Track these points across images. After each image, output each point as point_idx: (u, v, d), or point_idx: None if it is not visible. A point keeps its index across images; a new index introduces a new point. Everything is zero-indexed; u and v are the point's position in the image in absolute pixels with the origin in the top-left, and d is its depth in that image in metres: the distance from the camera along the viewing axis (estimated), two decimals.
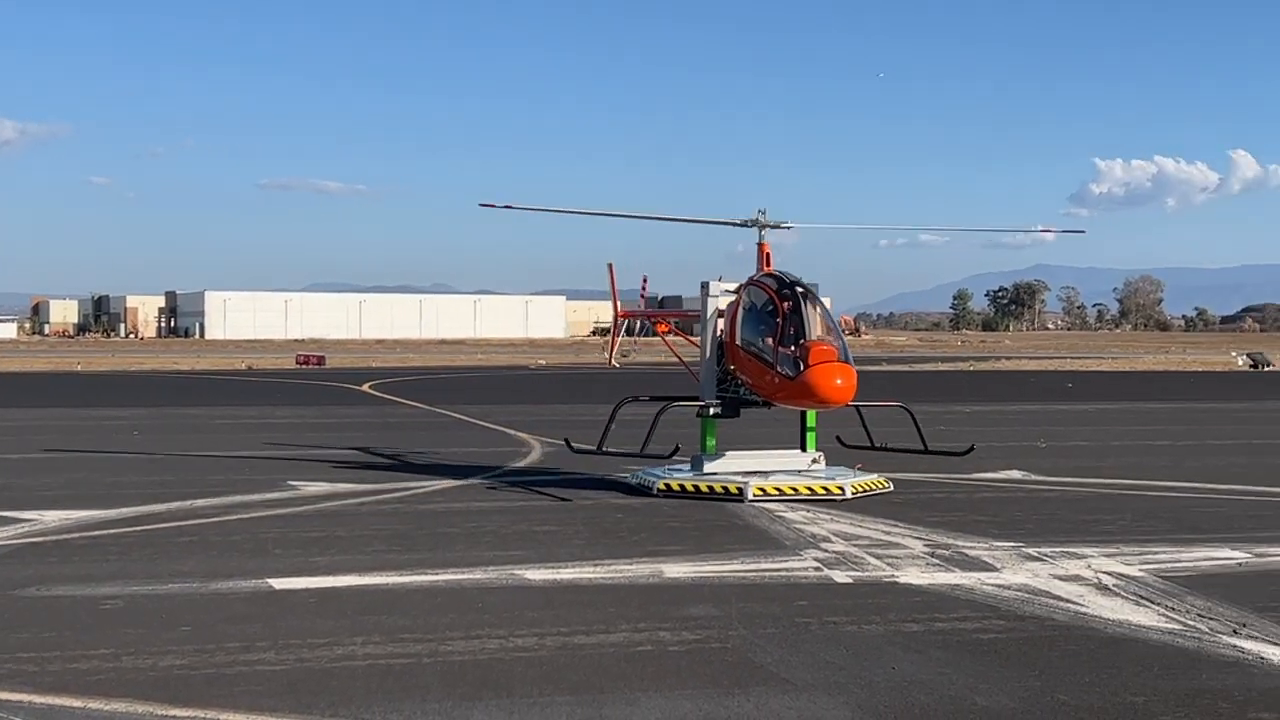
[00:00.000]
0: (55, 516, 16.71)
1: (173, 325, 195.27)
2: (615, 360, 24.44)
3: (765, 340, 19.21)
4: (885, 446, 21.34)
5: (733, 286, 20.53)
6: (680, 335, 23.52)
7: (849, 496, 18.62)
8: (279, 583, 12.64)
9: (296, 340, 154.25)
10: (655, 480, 19.59)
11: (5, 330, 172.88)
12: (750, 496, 18.43)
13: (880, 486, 19.45)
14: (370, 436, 29.46)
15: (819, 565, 13.58)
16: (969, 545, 14.75)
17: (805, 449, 20.25)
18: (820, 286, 20.92)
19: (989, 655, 9.97)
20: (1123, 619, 11.14)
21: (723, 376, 20.18)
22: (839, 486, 18.83)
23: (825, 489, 18.81)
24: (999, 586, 12.49)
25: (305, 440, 28.39)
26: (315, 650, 10.04)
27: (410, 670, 9.51)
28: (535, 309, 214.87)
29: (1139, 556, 14.01)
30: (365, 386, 54.06)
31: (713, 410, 19.99)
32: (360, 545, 14.76)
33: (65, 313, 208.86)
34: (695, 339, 22.11)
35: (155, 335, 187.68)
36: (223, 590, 12.31)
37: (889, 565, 13.57)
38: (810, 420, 20.33)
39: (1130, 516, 17.18)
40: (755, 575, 13.07)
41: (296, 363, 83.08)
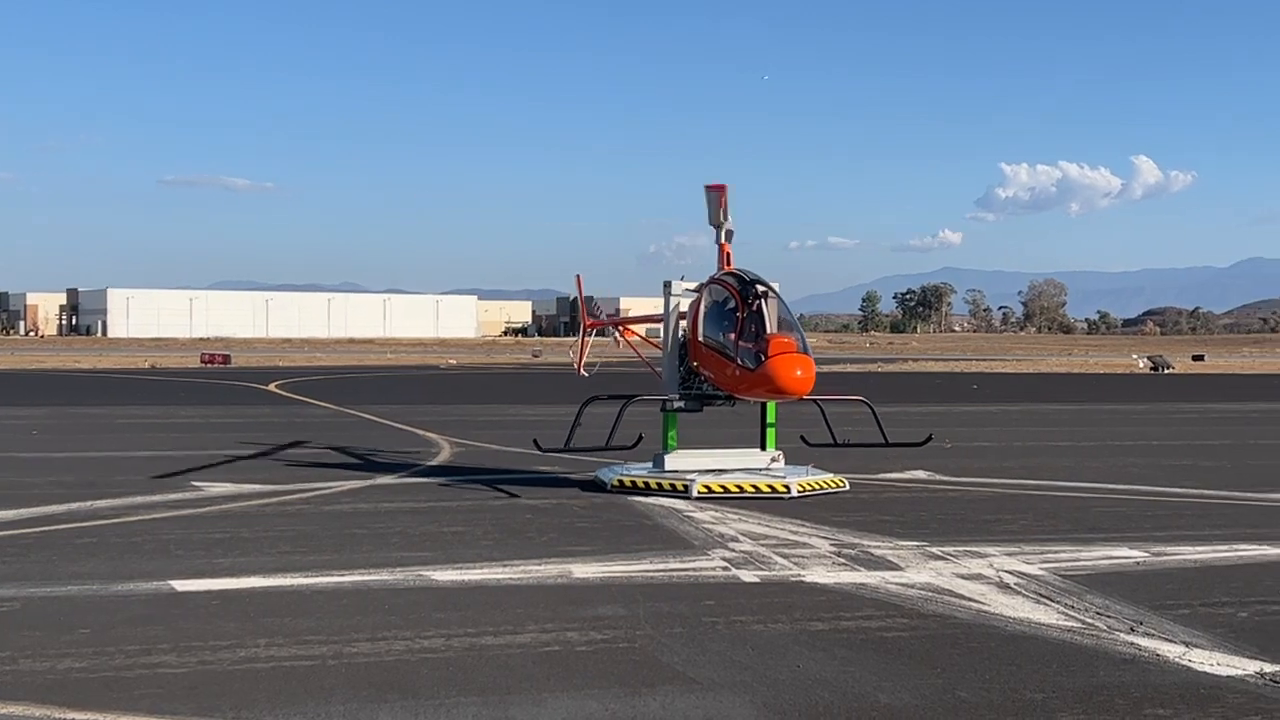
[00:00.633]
0: None
1: (74, 323, 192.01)
2: (584, 370, 24.66)
3: (727, 335, 19.59)
4: (847, 443, 21.61)
5: (693, 285, 20.87)
6: (638, 337, 24.28)
7: (795, 495, 18.83)
8: (181, 584, 12.46)
9: (201, 339, 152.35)
10: (610, 477, 19.93)
11: None
12: (695, 493, 18.74)
13: (833, 485, 19.73)
14: (276, 437, 29.14)
15: (727, 565, 13.65)
16: (874, 545, 14.90)
17: (765, 447, 20.53)
18: None
19: (892, 653, 10.08)
20: (1023, 617, 11.32)
21: (685, 374, 20.52)
22: (784, 485, 19.05)
23: (771, 487, 19.06)
24: (903, 585, 12.63)
25: (209, 440, 28.01)
26: (217, 653, 9.91)
27: (314, 672, 9.42)
28: (446, 308, 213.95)
29: (1040, 555, 14.23)
30: (272, 386, 53.47)
31: (676, 404, 20.31)
32: (265, 546, 14.60)
33: None
34: (656, 340, 22.60)
35: (56, 333, 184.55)
36: (123, 592, 12.11)
37: (796, 565, 13.68)
38: (770, 416, 20.63)
39: (1032, 516, 17.45)
40: (663, 575, 13.10)
41: (201, 362, 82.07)
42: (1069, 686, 9.18)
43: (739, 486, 19.13)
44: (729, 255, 21.07)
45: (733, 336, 19.48)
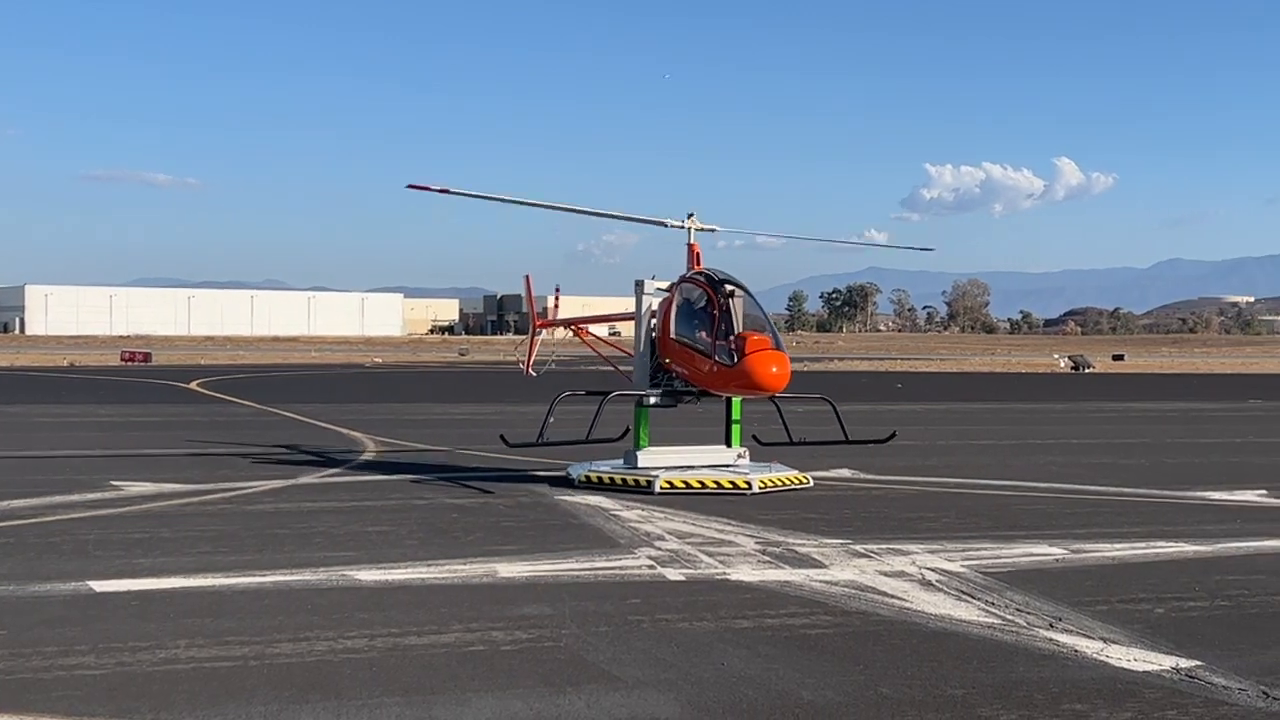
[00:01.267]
0: None
1: None
2: (533, 370, 24.98)
3: (701, 333, 20.02)
4: (804, 441, 21.82)
5: (665, 285, 21.18)
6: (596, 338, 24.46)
7: (755, 492, 19.13)
8: (100, 585, 12.29)
9: (122, 336, 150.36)
10: (578, 473, 20.32)
11: None
12: (658, 489, 19.08)
13: (797, 482, 20.05)
14: (198, 435, 28.82)
15: (653, 563, 13.67)
16: (799, 542, 14.99)
17: (730, 443, 20.89)
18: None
19: (816, 650, 10.14)
20: (945, 614, 11.43)
21: (654, 371, 20.84)
22: (745, 482, 19.33)
23: (733, 484, 19.35)
24: (827, 583, 12.72)
25: (129, 439, 27.66)
26: (137, 654, 9.79)
27: (235, 673, 9.33)
28: (371, 306, 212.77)
29: (962, 553, 14.38)
30: (193, 384, 52.88)
31: (652, 400, 20.63)
32: (185, 546, 14.43)
33: None
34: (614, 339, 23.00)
35: None
36: (40, 593, 11.92)
37: (721, 563, 13.73)
38: (735, 413, 20.97)
39: (954, 514, 17.63)
40: (589, 574, 13.10)
41: (121, 360, 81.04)
42: (989, 682, 9.28)
43: (701, 483, 19.44)
44: (699, 255, 21.43)
45: (706, 334, 19.88)
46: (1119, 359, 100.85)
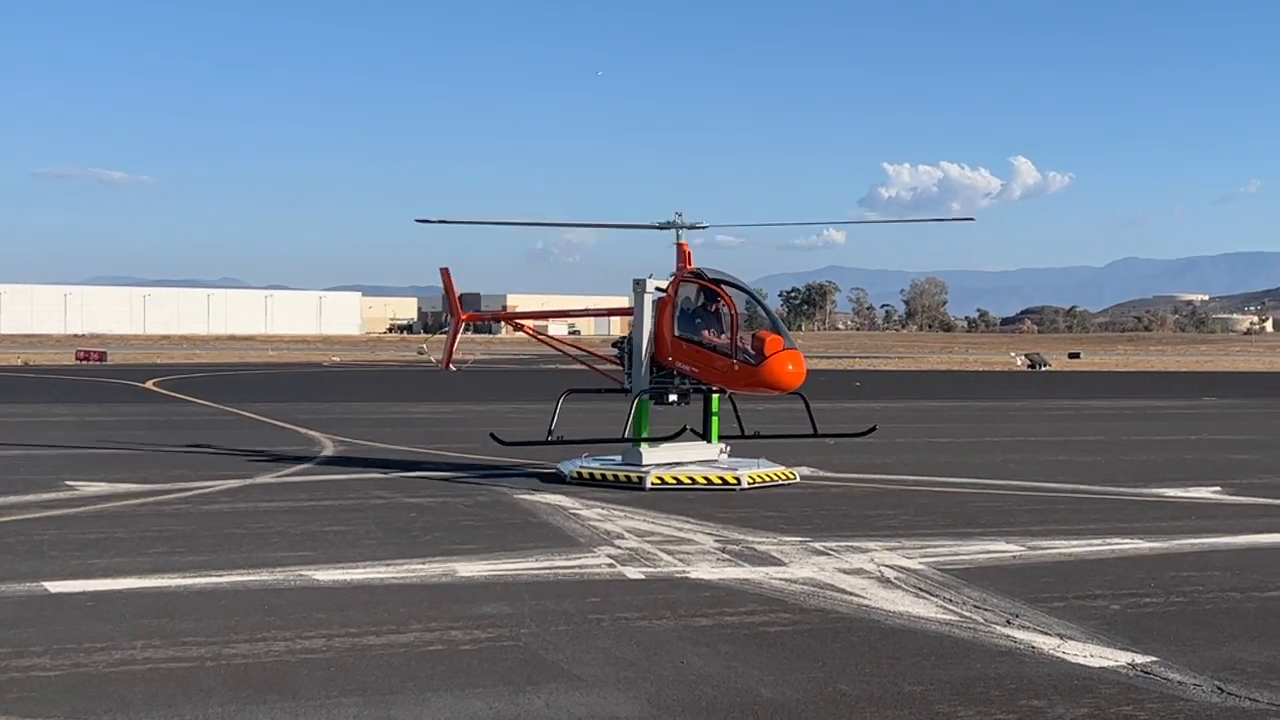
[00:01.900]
0: None
1: None
2: (453, 364, 25.01)
3: (713, 332, 20.54)
4: (757, 434, 22.13)
5: (664, 284, 21.39)
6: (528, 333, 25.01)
7: (744, 488, 19.55)
8: (54, 585, 12.19)
9: (76, 335, 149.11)
10: (569, 469, 20.59)
11: None
12: (649, 485, 19.48)
13: (784, 478, 20.45)
14: (153, 435, 28.61)
15: (612, 562, 13.67)
16: (758, 540, 15.02)
17: (710, 439, 21.34)
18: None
19: (775, 648, 10.17)
20: (903, 610, 11.48)
21: (651, 369, 21.11)
22: (735, 478, 19.77)
23: (723, 479, 19.79)
24: (786, 580, 12.75)
25: (84, 439, 27.43)
26: (92, 655, 9.71)
27: (192, 674, 9.26)
28: (330, 305, 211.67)
29: (920, 550, 14.45)
30: (149, 384, 52.49)
31: (672, 397, 21.11)
32: (141, 547, 14.32)
33: None
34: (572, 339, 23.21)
35: None
36: None
37: (681, 561, 13.73)
38: (715, 406, 21.39)
39: (912, 511, 17.71)
40: (549, 573, 13.08)
41: (76, 359, 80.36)
42: (947, 679, 9.33)
43: (691, 479, 19.82)
44: (689, 255, 21.60)
45: (721, 334, 20.40)
46: (1075, 357, 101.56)
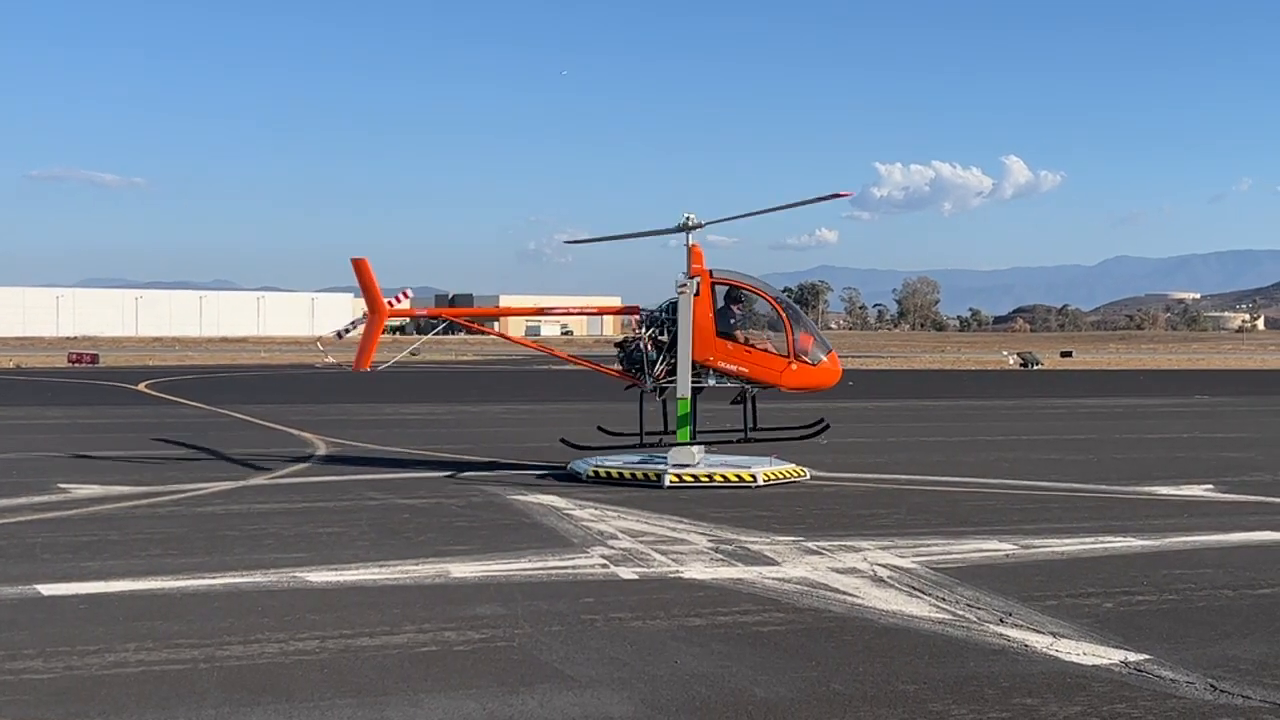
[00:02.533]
0: None
1: None
2: (369, 365, 24.01)
3: (762, 333, 21.54)
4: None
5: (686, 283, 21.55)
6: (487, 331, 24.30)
7: (760, 485, 19.87)
8: (47, 588, 12.17)
9: (68, 338, 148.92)
10: (584, 468, 20.82)
11: None
12: (667, 484, 19.73)
13: (795, 475, 20.75)
14: (146, 438, 28.58)
15: (606, 562, 13.67)
16: (751, 540, 15.03)
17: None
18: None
19: (768, 647, 10.17)
20: (896, 609, 11.49)
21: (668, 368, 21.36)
22: (751, 475, 20.07)
23: (739, 477, 20.06)
24: (779, 580, 12.76)
25: (77, 442, 27.38)
26: (85, 658, 9.70)
27: (185, 676, 9.25)
28: (322, 306, 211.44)
29: (913, 549, 14.46)
30: (141, 386, 52.43)
31: (738, 398, 21.67)
32: (134, 549, 14.31)
33: None
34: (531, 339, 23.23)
35: None
36: None
37: (674, 561, 13.74)
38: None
39: (905, 510, 17.73)
40: (542, 573, 13.09)
41: (68, 361, 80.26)
42: (940, 677, 9.34)
43: (709, 476, 20.04)
44: (701, 255, 21.73)
45: (772, 335, 21.35)
46: (1067, 356, 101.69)
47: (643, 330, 21.68)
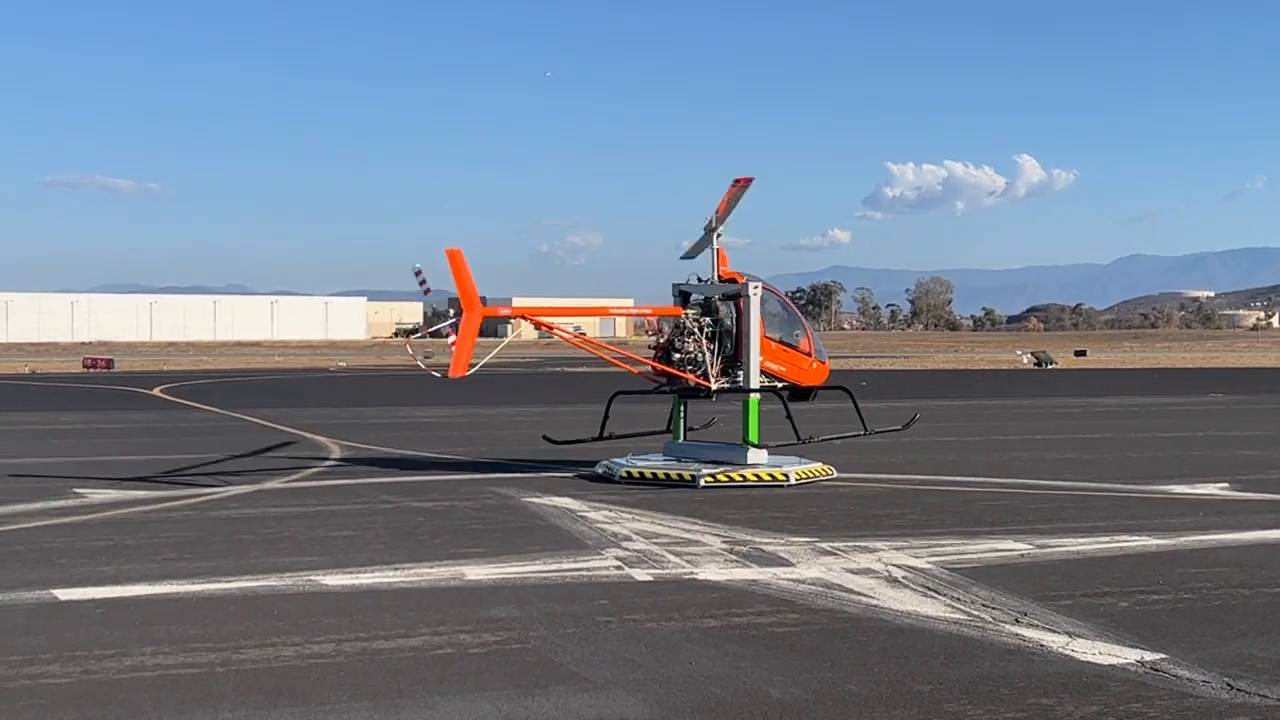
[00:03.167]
0: None
1: None
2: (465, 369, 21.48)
3: (792, 334, 22.13)
4: (611, 436, 22.62)
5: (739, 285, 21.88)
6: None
7: (793, 484, 20.12)
8: (64, 593, 12.22)
9: (84, 343, 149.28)
10: (618, 469, 20.96)
11: None
12: (702, 484, 19.90)
13: (824, 474, 21.04)
14: (161, 442, 28.65)
15: (620, 564, 13.68)
16: (766, 541, 15.03)
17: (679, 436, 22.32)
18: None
19: (783, 648, 10.17)
20: (911, 610, 11.48)
21: (725, 369, 21.63)
22: (783, 474, 20.32)
23: (771, 476, 20.30)
24: (794, 581, 12.76)
25: (92, 446, 27.47)
26: (102, 661, 9.74)
27: (202, 680, 9.28)
28: (335, 310, 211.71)
29: (927, 549, 14.45)
30: (157, 390, 52.57)
31: (807, 398, 22.41)
32: (150, 553, 14.36)
33: None
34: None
35: None
36: (4, 602, 11.84)
37: (688, 562, 13.74)
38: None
39: (919, 511, 17.71)
40: (557, 575, 13.10)
41: (84, 366, 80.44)
42: (955, 677, 9.33)
43: (742, 476, 20.25)
44: (726, 258, 22.06)
45: (803, 336, 22.12)
46: (1081, 355, 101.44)
47: (686, 331, 21.53)
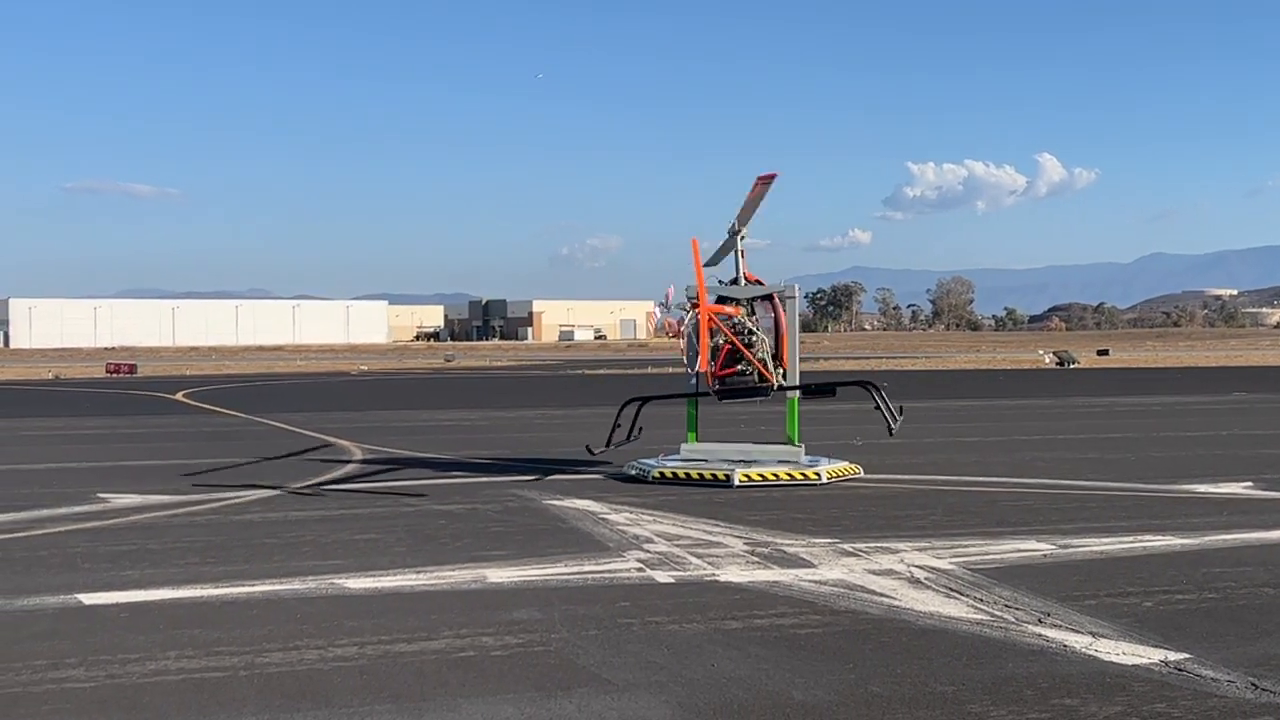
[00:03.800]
0: None
1: None
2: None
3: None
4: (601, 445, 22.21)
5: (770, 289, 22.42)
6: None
7: (825, 483, 20.23)
8: (88, 598, 12.27)
9: (107, 348, 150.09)
10: (650, 468, 20.99)
11: None
12: (736, 483, 19.99)
13: (853, 472, 21.24)
14: (184, 447, 28.76)
15: (641, 566, 13.68)
16: (788, 542, 15.02)
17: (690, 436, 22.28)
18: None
19: (805, 650, 10.16)
20: (933, 611, 11.46)
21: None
22: (815, 474, 20.46)
23: (805, 475, 20.42)
24: (816, 582, 12.74)
25: (115, 451, 27.59)
26: (127, 666, 9.78)
27: (225, 683, 9.32)
28: (356, 314, 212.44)
29: (950, 550, 14.42)
30: (179, 395, 52.78)
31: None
32: (174, 558, 14.41)
33: None
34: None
35: None
36: (29, 607, 11.90)
37: (710, 564, 13.74)
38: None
39: (942, 511, 17.67)
40: (578, 578, 13.11)
41: (107, 371, 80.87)
42: (978, 678, 9.31)
43: (775, 475, 20.34)
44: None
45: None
46: (1104, 354, 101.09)
47: (750, 331, 21.55)
